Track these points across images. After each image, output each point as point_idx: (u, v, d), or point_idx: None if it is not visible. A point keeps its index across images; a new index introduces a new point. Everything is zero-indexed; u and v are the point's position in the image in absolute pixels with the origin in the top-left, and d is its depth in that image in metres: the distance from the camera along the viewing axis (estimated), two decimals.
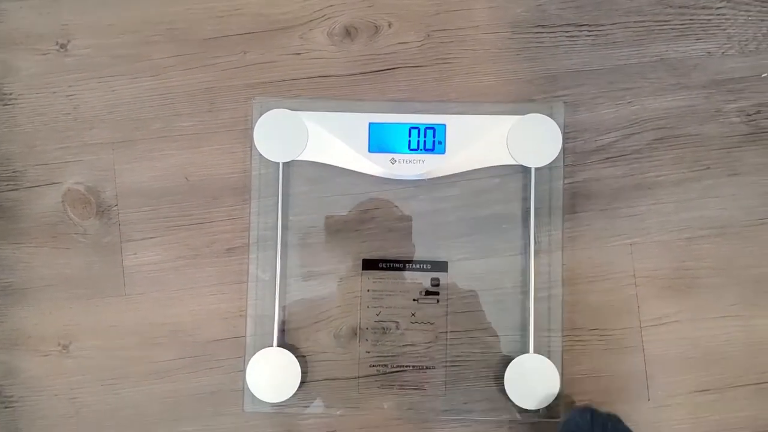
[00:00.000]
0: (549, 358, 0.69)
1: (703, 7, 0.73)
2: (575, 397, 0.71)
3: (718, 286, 0.72)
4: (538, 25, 0.73)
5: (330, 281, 0.72)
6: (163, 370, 0.72)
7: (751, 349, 0.71)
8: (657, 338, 0.71)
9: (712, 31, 0.73)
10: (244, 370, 0.70)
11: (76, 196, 0.73)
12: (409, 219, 0.72)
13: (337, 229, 0.72)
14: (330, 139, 0.71)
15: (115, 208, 0.73)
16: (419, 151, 0.71)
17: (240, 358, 0.71)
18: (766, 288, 0.72)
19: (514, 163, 0.70)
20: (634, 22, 0.73)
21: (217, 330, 0.72)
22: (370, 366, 0.71)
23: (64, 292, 0.73)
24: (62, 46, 0.74)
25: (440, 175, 0.71)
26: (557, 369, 0.69)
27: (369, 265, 0.71)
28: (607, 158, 0.72)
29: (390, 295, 0.71)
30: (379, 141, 0.71)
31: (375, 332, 0.71)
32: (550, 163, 0.71)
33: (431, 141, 0.71)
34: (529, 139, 0.70)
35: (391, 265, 0.71)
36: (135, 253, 0.73)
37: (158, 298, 0.72)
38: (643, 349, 0.71)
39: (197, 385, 0.72)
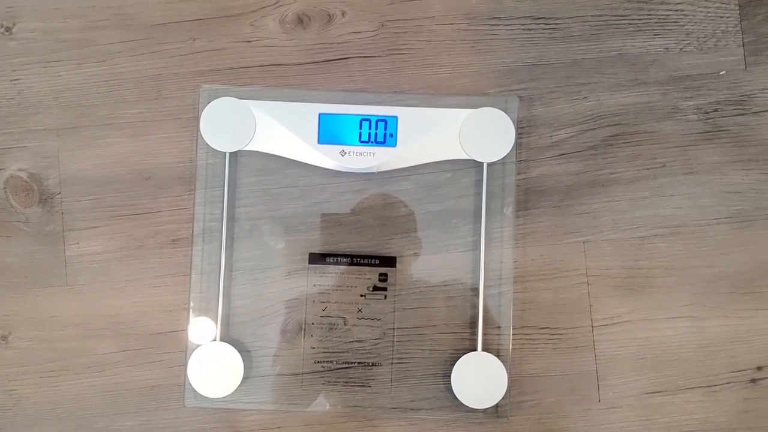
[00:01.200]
0: (498, 356, 0.69)
1: (662, 3, 0.73)
2: (523, 397, 0.70)
3: (671, 286, 0.71)
4: (495, 17, 0.73)
5: (276, 275, 0.71)
6: (103, 363, 0.71)
7: (703, 351, 0.71)
8: (608, 338, 0.71)
9: (670, 27, 0.73)
10: (185, 365, 0.69)
11: (19, 183, 0.72)
12: (358, 213, 0.72)
13: (284, 222, 0.72)
14: (279, 130, 0.70)
15: (58, 196, 0.72)
16: (370, 143, 0.70)
17: (182, 352, 0.70)
18: (719, 289, 0.71)
19: (466, 157, 0.70)
20: (592, 16, 0.73)
21: (160, 323, 0.71)
22: (315, 362, 0.70)
23: (3, 281, 0.72)
24: (7, 29, 0.73)
25: (391, 168, 0.71)
26: (505, 368, 0.68)
27: (315, 259, 0.71)
28: (562, 154, 0.72)
29: (337, 290, 0.70)
30: (329, 132, 0.70)
31: (321, 328, 0.70)
32: (503, 159, 0.70)
33: (382, 133, 0.70)
34: (481, 134, 0.70)
35: (338, 259, 0.70)
36: (77, 243, 0.72)
37: (100, 289, 0.72)
38: (594, 349, 0.71)
39: (139, 379, 0.71)
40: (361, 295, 0.70)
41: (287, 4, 0.73)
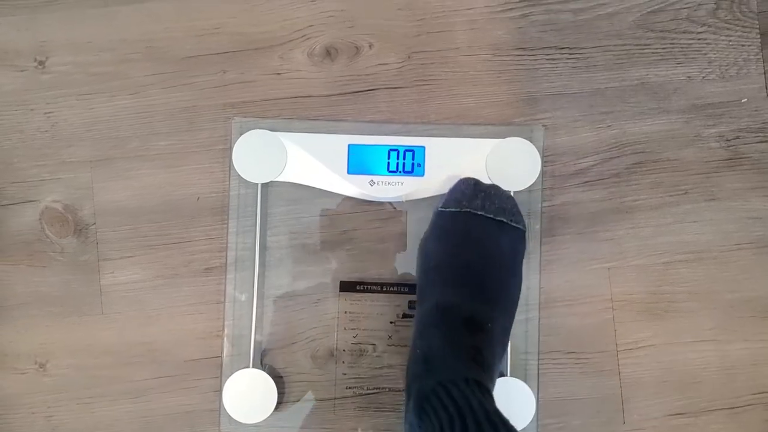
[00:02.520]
0: (525, 380, 0.71)
1: (684, 32, 0.75)
2: (550, 420, 0.73)
3: (695, 310, 0.74)
4: (519, 48, 0.75)
5: (307, 302, 0.74)
6: (139, 390, 0.74)
7: (725, 374, 0.73)
8: (633, 362, 0.74)
9: (692, 56, 0.75)
10: (220, 391, 0.72)
11: (54, 214, 0.75)
12: (387, 240, 0.74)
13: (315, 250, 0.74)
14: (309, 161, 0.73)
15: (92, 226, 0.74)
16: (398, 173, 0.73)
17: (216, 378, 0.73)
18: (742, 313, 0.74)
19: None
20: (615, 45, 0.75)
21: (194, 350, 0.74)
22: (346, 388, 0.73)
23: (40, 310, 0.74)
24: (40, 63, 0.75)
25: (419, 197, 0.73)
26: (533, 392, 0.71)
27: (346, 287, 0.73)
28: (586, 182, 0.74)
29: (367, 317, 0.73)
30: (358, 163, 0.72)
31: (352, 354, 0.73)
32: (528, 187, 0.72)
33: (410, 163, 0.73)
34: (508, 163, 0.72)
35: (369, 287, 0.73)
36: (112, 272, 0.74)
37: (135, 317, 0.74)
38: (619, 373, 0.73)
39: (173, 405, 0.74)
40: (391, 322, 0.73)
41: (315, 37, 0.75)
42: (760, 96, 0.75)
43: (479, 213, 0.68)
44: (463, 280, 0.65)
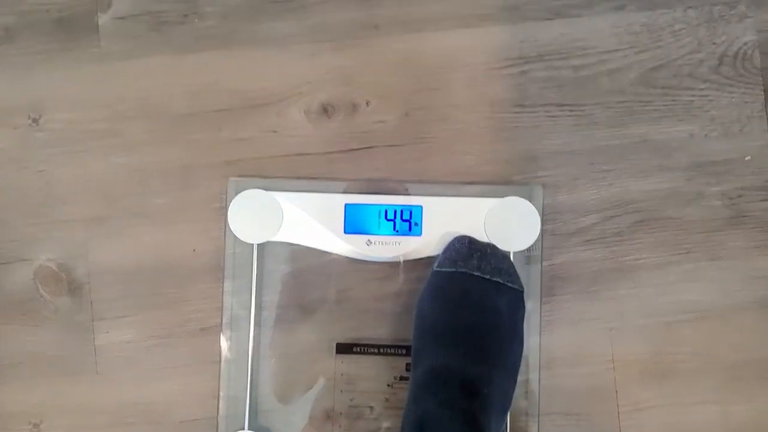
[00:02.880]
0: None
1: (687, 88, 0.74)
2: None
3: (697, 371, 0.73)
4: (519, 105, 0.74)
5: (304, 363, 0.73)
6: None
7: None
8: (635, 423, 0.73)
9: (695, 113, 0.74)
10: None
11: (48, 273, 0.74)
12: (384, 300, 0.74)
13: (311, 310, 0.73)
14: (305, 220, 0.72)
15: (87, 285, 0.74)
16: (395, 233, 0.72)
17: None
18: (746, 374, 0.73)
19: None
20: (617, 102, 0.74)
21: (190, 410, 0.73)
22: None
23: (34, 370, 0.74)
24: (34, 120, 0.75)
25: (416, 257, 0.72)
26: None
27: (343, 348, 0.72)
28: (587, 240, 0.74)
29: (364, 379, 0.72)
30: (354, 222, 0.72)
31: (349, 417, 0.72)
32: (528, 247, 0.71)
33: (408, 223, 0.72)
34: (507, 223, 0.71)
35: (365, 349, 0.72)
36: (107, 332, 0.74)
37: (130, 378, 0.74)
38: None
39: None
40: (388, 385, 0.72)
41: (312, 94, 0.75)
42: (764, 153, 0.74)
43: (475, 273, 0.67)
44: (459, 342, 0.65)
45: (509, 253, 0.71)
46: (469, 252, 0.68)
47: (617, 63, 0.75)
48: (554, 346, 0.73)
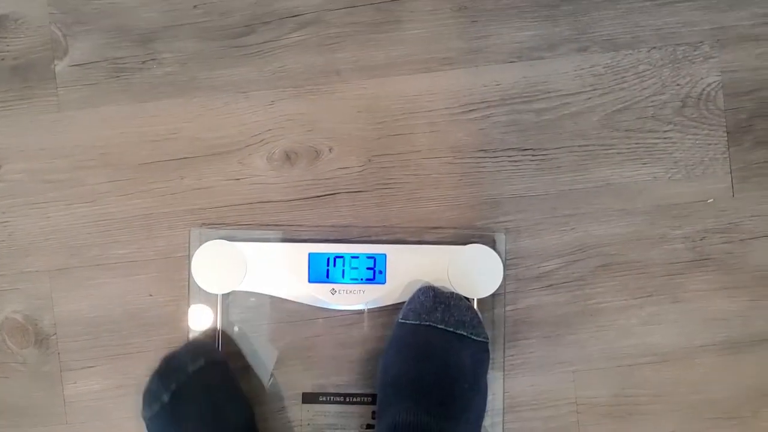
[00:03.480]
0: None
1: (650, 131, 0.74)
2: None
3: (658, 412, 0.74)
4: (481, 150, 0.74)
5: (270, 411, 0.75)
6: None
7: None
8: None
9: (658, 156, 0.74)
10: None
11: (14, 324, 0.75)
12: (350, 347, 0.74)
13: (277, 359, 0.74)
14: (269, 270, 0.72)
15: (53, 337, 0.74)
16: (359, 281, 0.72)
17: None
18: (705, 414, 0.74)
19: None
20: (579, 146, 0.74)
21: None
22: None
23: (4, 421, 0.75)
24: None
25: (381, 305, 0.73)
26: None
27: (309, 398, 0.73)
28: (550, 285, 0.74)
29: (330, 427, 0.73)
30: (318, 271, 0.72)
31: None
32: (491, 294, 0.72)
33: (372, 271, 0.72)
34: (470, 270, 0.72)
35: (331, 398, 0.73)
36: (75, 382, 0.75)
37: (101, 428, 0.75)
38: None
39: None
40: None
41: (274, 141, 0.75)
42: (727, 195, 0.74)
43: (439, 326, 0.68)
44: (422, 396, 0.65)
45: (473, 300, 0.72)
46: (433, 305, 0.69)
47: (580, 106, 0.75)
48: (518, 390, 0.75)
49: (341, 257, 0.73)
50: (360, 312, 0.74)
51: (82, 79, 0.75)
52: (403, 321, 0.69)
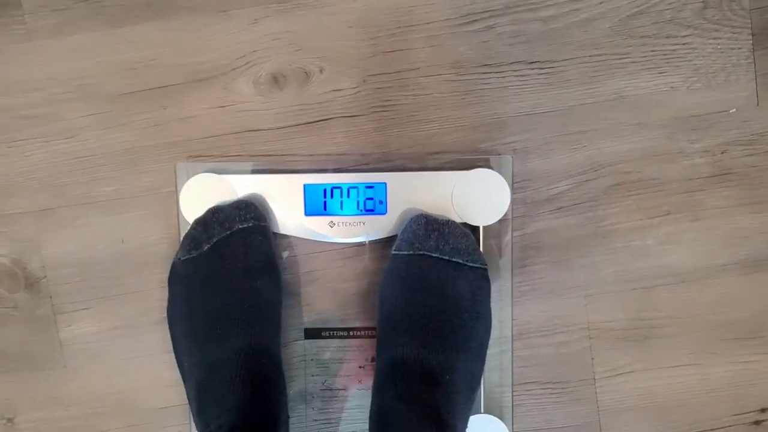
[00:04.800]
0: (501, 415, 0.71)
1: (667, 37, 0.69)
2: None
3: (676, 335, 0.72)
4: (484, 65, 0.69)
5: None
6: None
7: (707, 397, 0.73)
8: (611, 389, 0.73)
9: (676, 63, 0.69)
10: None
11: (2, 269, 0.72)
12: (351, 280, 0.72)
13: None
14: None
15: (44, 280, 0.72)
16: (359, 212, 0.69)
17: (186, 424, 0.73)
18: (724, 335, 0.72)
19: (460, 221, 0.68)
20: (590, 56, 0.69)
21: (162, 398, 0.74)
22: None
23: (2, 367, 0.73)
24: None
25: (383, 236, 0.70)
26: (508, 429, 0.70)
27: (311, 334, 0.71)
28: (560, 208, 0.71)
29: (335, 362, 0.71)
30: (315, 204, 0.69)
31: (322, 399, 0.72)
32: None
33: (372, 202, 0.69)
34: (475, 197, 0.68)
35: (335, 333, 0.71)
36: (70, 326, 0.73)
37: (98, 369, 0.73)
38: (597, 401, 0.73)
39: None
40: (360, 367, 0.72)
41: (260, 64, 0.70)
42: (750, 104, 0.69)
43: (434, 255, 0.65)
44: (418, 330, 0.63)
45: (479, 227, 0.69)
46: (426, 233, 0.65)
47: (591, 11, 0.69)
48: (528, 317, 0.72)
49: (338, 188, 0.69)
50: (361, 244, 0.71)
51: (50, 4, 0.70)
52: (396, 252, 0.66)
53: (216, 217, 0.66)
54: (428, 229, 0.65)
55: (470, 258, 0.65)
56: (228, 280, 0.64)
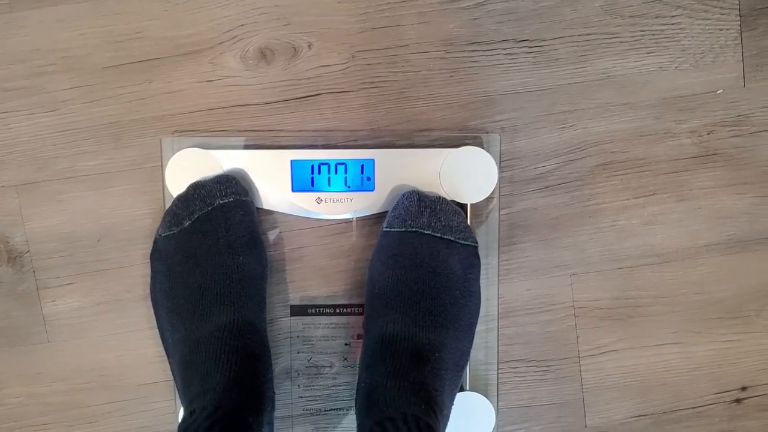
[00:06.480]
0: (485, 392, 0.72)
1: (657, 17, 0.69)
2: (511, 427, 0.74)
3: (660, 314, 0.73)
4: (474, 42, 0.69)
5: None
6: (95, 415, 0.75)
7: (689, 375, 0.74)
8: (595, 367, 0.74)
9: (665, 44, 0.70)
10: (176, 413, 0.72)
11: None
12: (338, 257, 0.72)
13: None
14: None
15: (27, 254, 0.72)
16: (347, 189, 0.69)
17: (171, 400, 0.73)
18: (708, 315, 0.73)
19: (448, 198, 0.69)
20: (579, 35, 0.69)
21: (146, 374, 0.74)
22: (304, 409, 0.73)
23: None
24: None
25: (370, 213, 0.70)
26: (492, 405, 0.71)
27: (297, 310, 0.72)
28: (547, 186, 0.71)
29: (321, 339, 0.72)
30: (302, 180, 0.69)
31: (308, 376, 0.73)
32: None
33: (359, 178, 0.69)
34: (463, 175, 0.68)
35: (320, 310, 0.71)
36: (53, 301, 0.72)
37: (83, 345, 0.73)
38: (581, 378, 0.74)
39: (131, 428, 0.74)
40: (346, 344, 0.72)
41: (248, 38, 0.69)
42: (737, 86, 0.70)
43: (425, 232, 0.65)
44: (409, 307, 0.64)
45: (466, 205, 0.69)
46: (418, 209, 0.65)
47: None
48: (514, 295, 0.73)
49: (326, 164, 0.69)
50: (348, 221, 0.71)
51: None
52: (387, 229, 0.66)
53: (197, 192, 0.66)
54: (421, 206, 0.66)
55: (462, 236, 0.66)
56: (210, 255, 0.64)
